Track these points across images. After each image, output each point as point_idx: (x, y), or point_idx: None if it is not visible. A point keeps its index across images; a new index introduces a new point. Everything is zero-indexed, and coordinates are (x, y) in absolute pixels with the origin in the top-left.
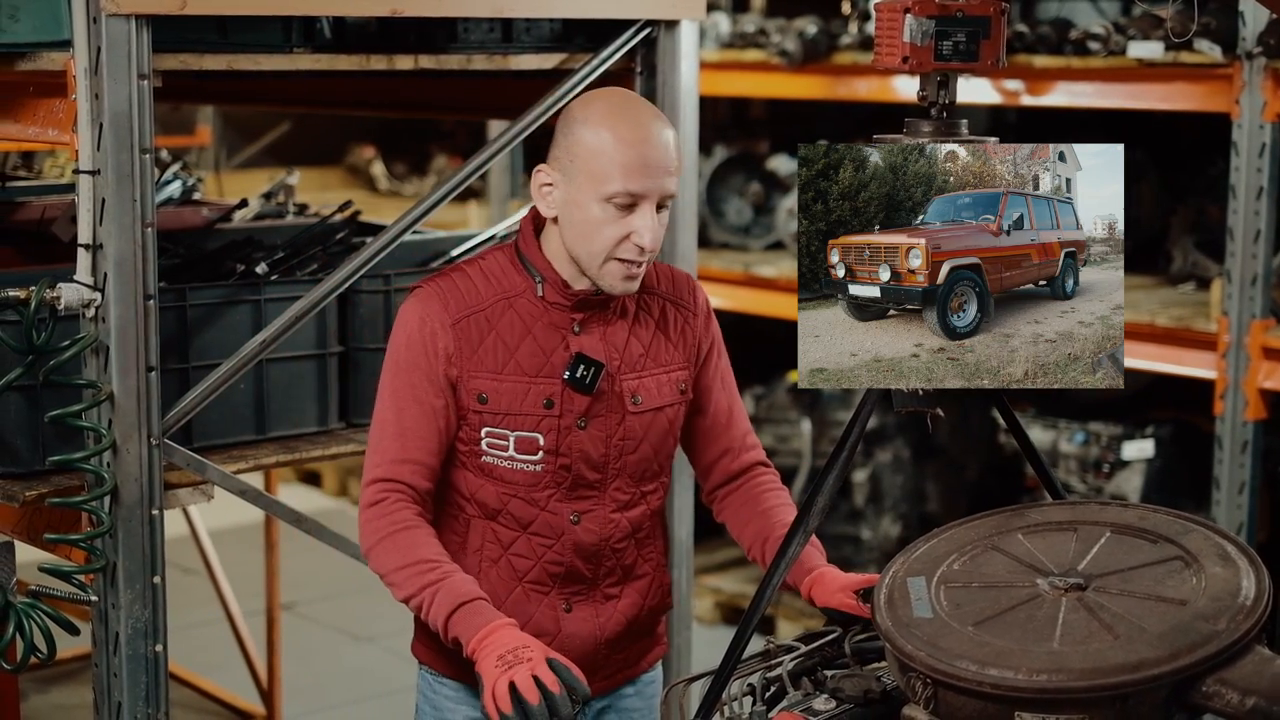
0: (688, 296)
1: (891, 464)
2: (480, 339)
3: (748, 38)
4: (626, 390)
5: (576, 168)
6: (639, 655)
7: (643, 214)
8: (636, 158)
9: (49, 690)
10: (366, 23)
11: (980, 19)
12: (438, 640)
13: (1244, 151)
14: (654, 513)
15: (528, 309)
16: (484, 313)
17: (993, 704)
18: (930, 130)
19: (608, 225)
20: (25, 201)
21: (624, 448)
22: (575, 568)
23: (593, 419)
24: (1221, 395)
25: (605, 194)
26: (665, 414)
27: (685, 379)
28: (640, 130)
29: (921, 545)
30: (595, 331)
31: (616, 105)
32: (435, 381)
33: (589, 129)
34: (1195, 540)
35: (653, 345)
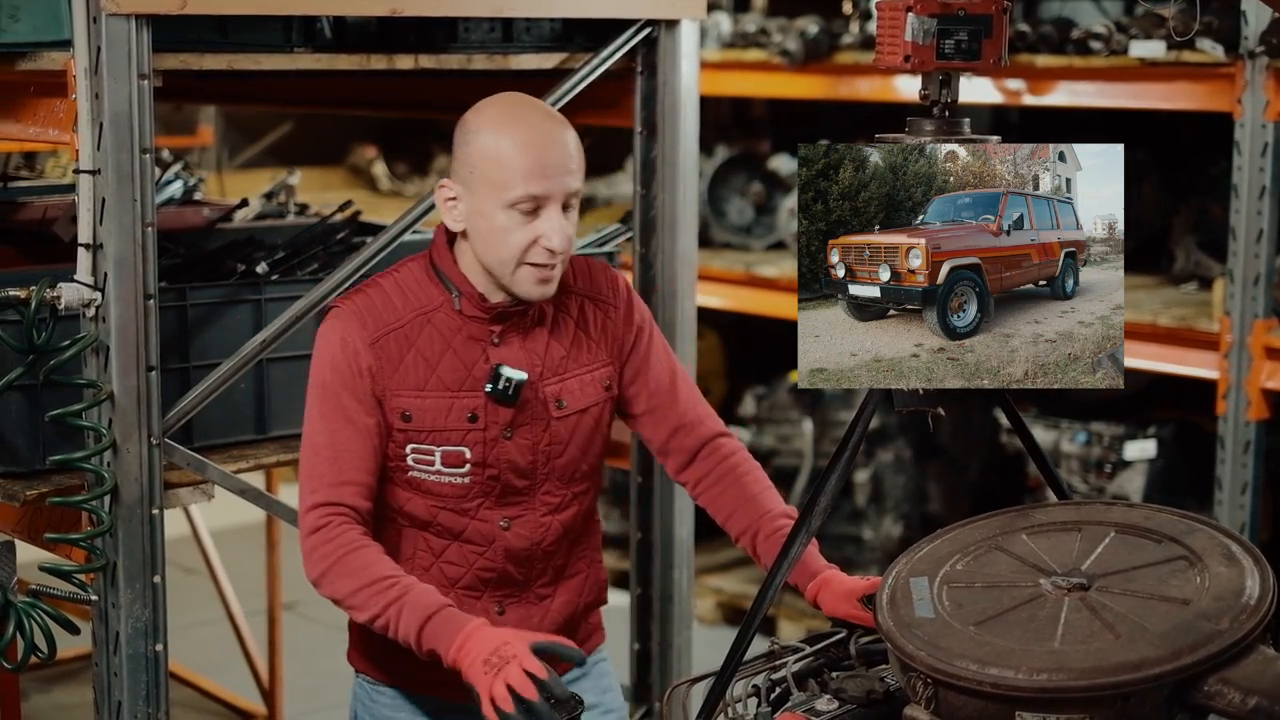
0: (607, 290)
1: (893, 464)
2: (400, 356)
3: (749, 37)
4: (550, 396)
5: (477, 178)
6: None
7: (548, 216)
8: (535, 161)
9: (50, 690)
10: (367, 22)
11: (982, 17)
12: (373, 648)
13: (1246, 151)
14: (586, 512)
15: (446, 323)
16: (403, 329)
17: (993, 704)
18: (932, 129)
19: (515, 231)
20: (27, 201)
21: (551, 452)
22: (507, 572)
23: (518, 428)
24: (1224, 395)
25: (508, 200)
26: (590, 414)
27: (610, 375)
28: (535, 133)
29: (925, 545)
30: (514, 341)
31: (509, 110)
32: (364, 400)
33: (484, 137)
34: (1200, 540)
35: (574, 346)
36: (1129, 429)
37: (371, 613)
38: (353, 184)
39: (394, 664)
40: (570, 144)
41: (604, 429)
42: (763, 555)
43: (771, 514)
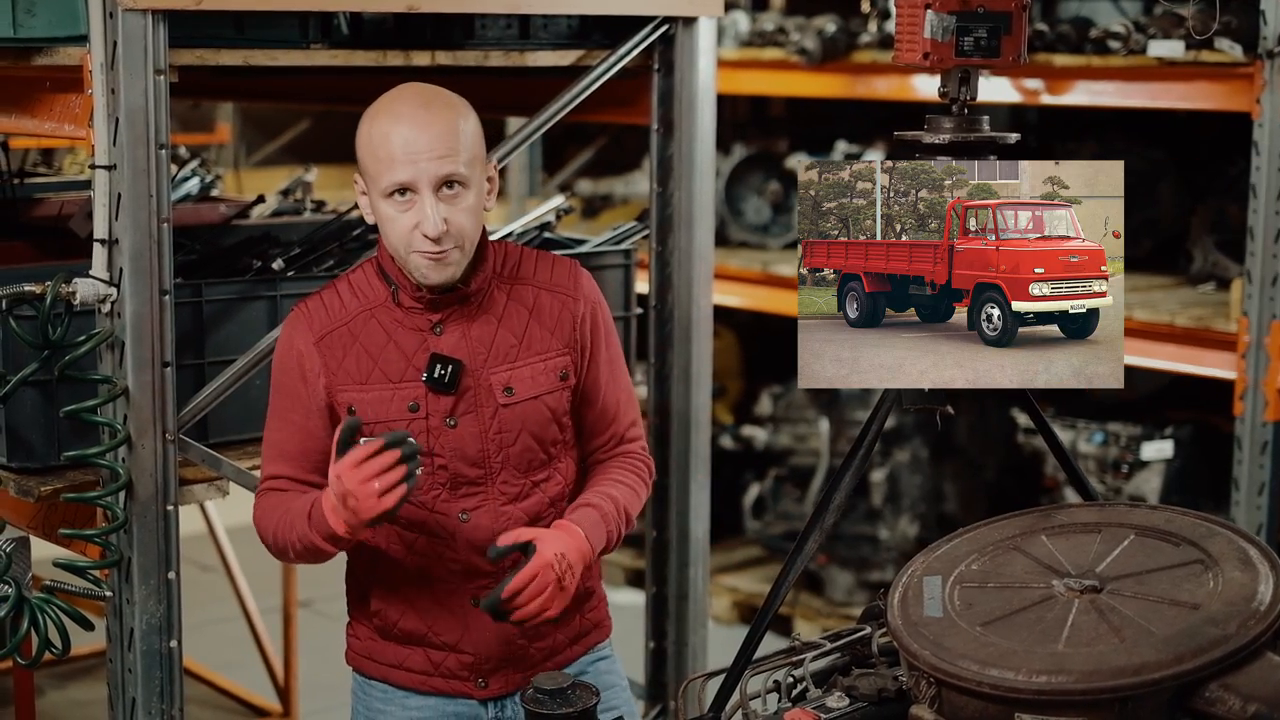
0: (567, 282)
1: (910, 464)
2: (344, 352)
3: (767, 36)
4: (497, 383)
5: (363, 170)
6: (569, 641)
7: (423, 203)
8: (399, 148)
9: (66, 686)
10: (384, 19)
11: (1001, 15)
12: (364, 646)
13: (1264, 151)
14: (552, 500)
15: (388, 317)
16: (346, 326)
17: (993, 704)
18: (951, 127)
19: (397, 220)
20: (43, 198)
21: (502, 440)
22: (474, 564)
23: (462, 416)
24: (1241, 396)
25: (382, 190)
26: (544, 402)
27: (566, 365)
28: (401, 121)
29: (944, 544)
30: (456, 329)
31: (385, 101)
32: (301, 400)
33: (362, 129)
34: (1218, 544)
35: (527, 334)
36: (1146, 429)
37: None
38: None
39: (382, 659)
40: (444, 126)
41: (561, 418)
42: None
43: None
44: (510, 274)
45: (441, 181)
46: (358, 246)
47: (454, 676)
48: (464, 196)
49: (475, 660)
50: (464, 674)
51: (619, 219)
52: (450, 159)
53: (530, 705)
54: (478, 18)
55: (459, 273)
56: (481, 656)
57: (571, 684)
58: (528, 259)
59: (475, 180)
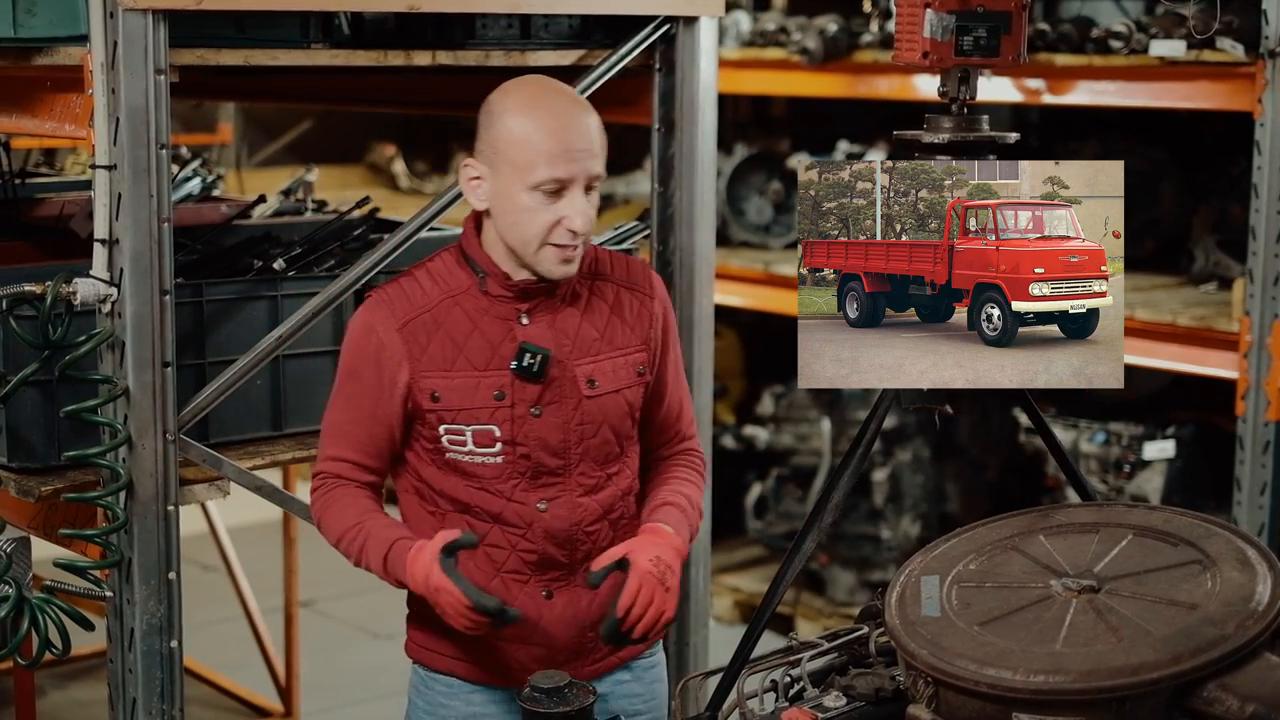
0: (643, 282)
1: (911, 463)
2: (428, 339)
3: (768, 36)
4: (581, 375)
5: (501, 159)
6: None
7: (571, 199)
8: (559, 144)
9: (68, 686)
10: (385, 19)
11: (1001, 14)
12: (429, 638)
13: (1266, 150)
14: (624, 493)
15: (474, 304)
16: (430, 313)
17: (990, 704)
18: (950, 126)
19: (538, 213)
20: (45, 198)
21: (583, 432)
22: (550, 554)
23: (547, 406)
24: (1243, 395)
25: (532, 182)
26: (623, 396)
27: (643, 361)
28: (560, 117)
29: (942, 544)
30: (543, 320)
31: (535, 94)
32: (375, 388)
33: (510, 119)
34: (1216, 544)
35: (608, 329)
36: (1148, 429)
37: (354, 557)
38: (372, 182)
39: (449, 653)
40: (593, 128)
41: (635, 413)
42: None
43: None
44: (590, 270)
45: (592, 179)
46: (358, 246)
47: (525, 669)
48: (597, 194)
49: (546, 653)
50: (535, 666)
51: (620, 219)
52: (599, 158)
53: (527, 704)
54: (479, 17)
55: (576, 269)
56: (555, 649)
57: (568, 683)
58: (604, 256)
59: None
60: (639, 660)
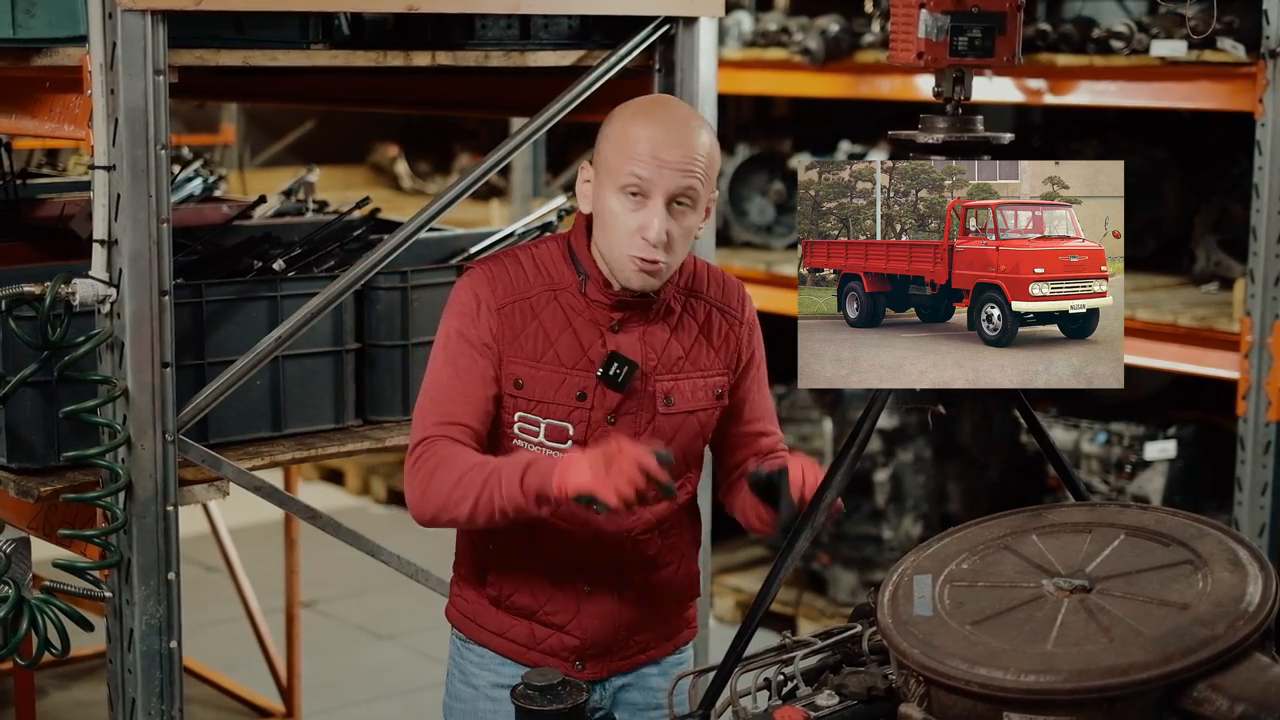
0: (736, 305)
1: (913, 464)
2: (523, 325)
3: (770, 36)
4: (660, 391)
5: (601, 162)
6: (663, 638)
7: (652, 208)
8: (647, 148)
9: (69, 687)
10: (384, 19)
11: (995, 14)
12: (469, 606)
13: (1267, 150)
14: (682, 507)
15: (571, 303)
16: (529, 300)
17: (981, 703)
18: (945, 127)
19: (621, 217)
20: (46, 198)
21: (653, 447)
22: (597, 556)
23: (622, 416)
24: (1244, 395)
25: (618, 184)
26: (698, 417)
27: (723, 385)
28: (657, 124)
29: (935, 543)
30: (634, 331)
31: (647, 104)
32: (483, 351)
33: (615, 125)
34: (1208, 544)
35: (693, 349)
36: (1149, 429)
37: (474, 496)
38: (375, 183)
39: (486, 625)
40: (695, 145)
41: (707, 434)
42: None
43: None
44: (686, 285)
45: (676, 195)
46: (358, 247)
47: (554, 654)
48: (689, 215)
49: (580, 644)
50: (564, 654)
51: None
52: (690, 174)
53: (520, 701)
54: (478, 18)
55: (661, 284)
56: (587, 641)
57: (561, 681)
58: (701, 272)
59: (703, 200)
60: (669, 657)
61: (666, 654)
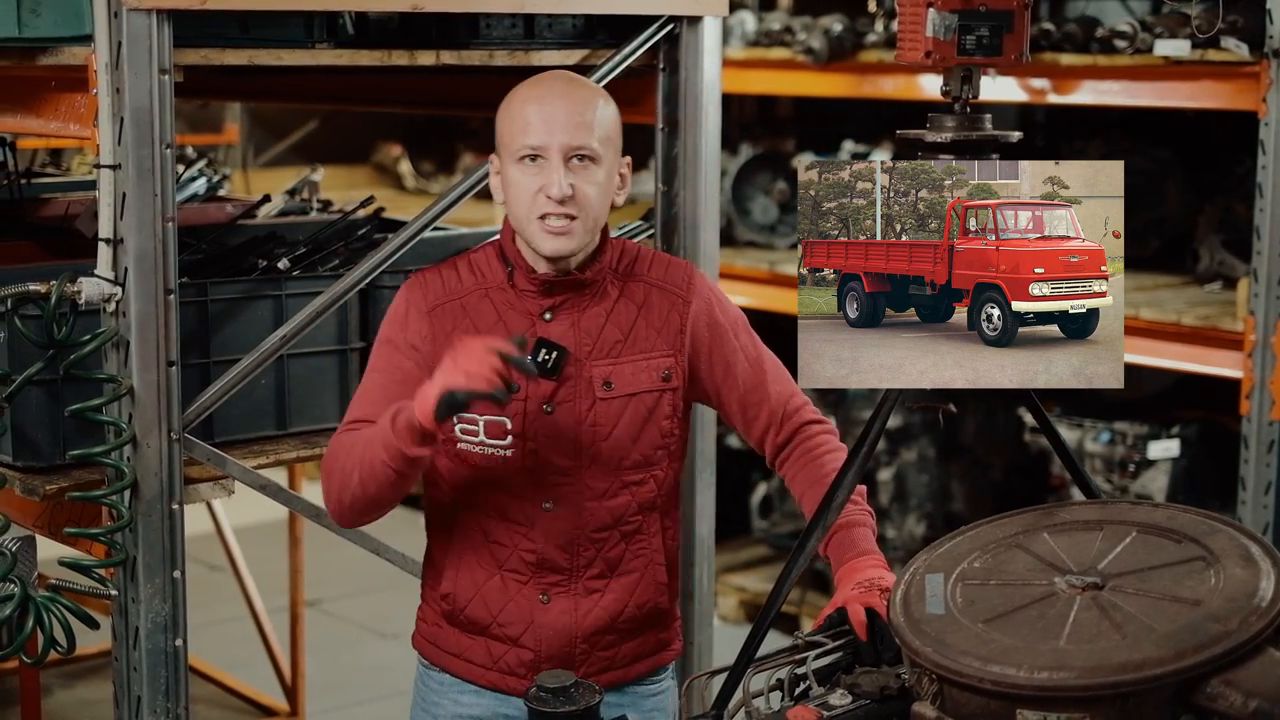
0: (680, 284)
1: (917, 463)
2: (454, 325)
3: (773, 36)
4: (598, 376)
5: (499, 146)
6: (630, 658)
7: (550, 168)
8: (534, 112)
9: (74, 685)
10: (389, 19)
11: (1003, 13)
12: (429, 628)
13: (1271, 150)
14: (644, 506)
15: (503, 298)
16: (460, 300)
17: (995, 700)
18: (953, 125)
19: (524, 183)
20: (51, 197)
21: (596, 434)
22: (551, 557)
23: (559, 404)
24: (1247, 395)
25: (514, 154)
26: (643, 401)
27: (669, 366)
28: (542, 88)
29: (946, 542)
30: (566, 318)
31: (533, 79)
32: (406, 356)
33: (505, 106)
34: (1220, 541)
35: (634, 331)
36: (1153, 428)
37: (358, 462)
38: (378, 182)
39: (444, 646)
40: (579, 102)
41: (661, 421)
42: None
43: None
44: (625, 270)
45: (573, 151)
46: (363, 246)
47: (511, 673)
48: (593, 171)
49: (535, 658)
50: (521, 671)
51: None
52: (583, 131)
53: (533, 703)
54: (482, 17)
55: (577, 248)
56: (542, 655)
57: (574, 682)
58: (644, 257)
59: (607, 161)
60: (636, 686)
61: (639, 674)
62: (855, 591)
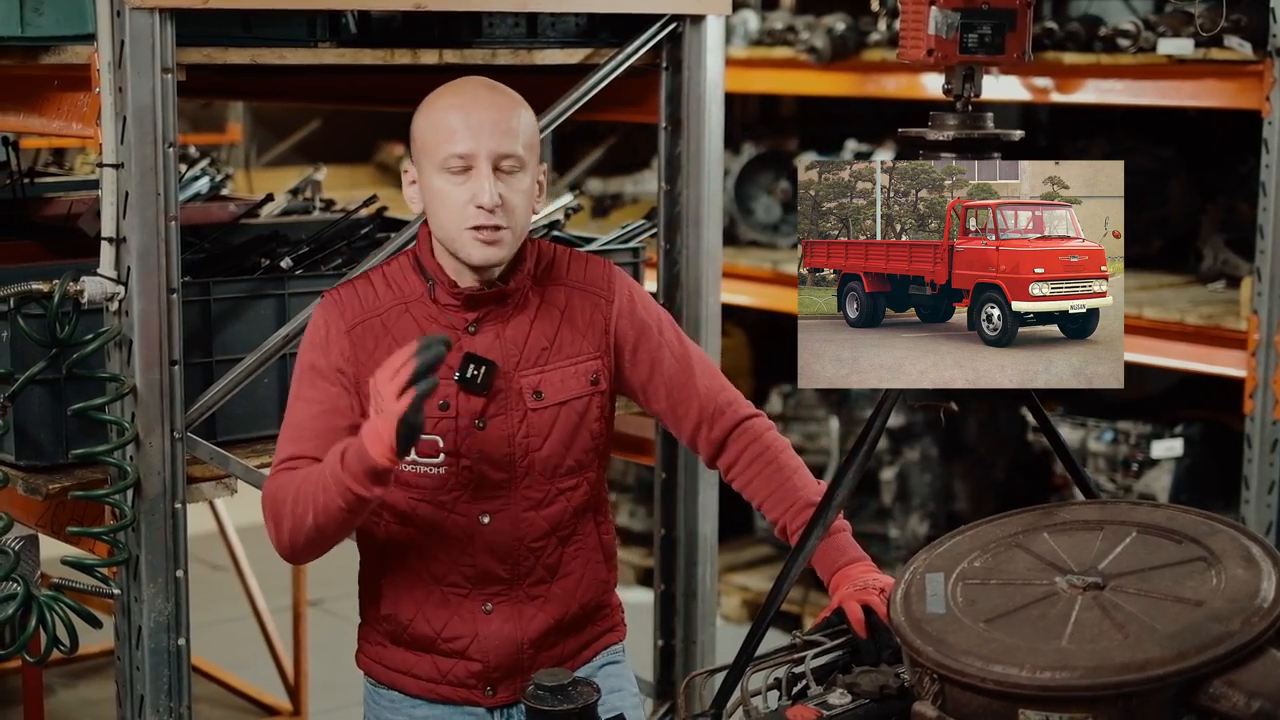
0: (601, 284)
1: (919, 462)
2: (375, 344)
3: (776, 35)
4: (527, 387)
5: (418, 153)
6: (578, 649)
7: (479, 176)
8: (459, 120)
9: (76, 685)
10: (392, 17)
11: (1005, 11)
12: (374, 651)
13: (1274, 149)
14: (578, 509)
15: (424, 313)
16: (380, 318)
17: (997, 700)
18: (956, 124)
19: (451, 193)
20: (53, 197)
21: (529, 445)
22: (490, 569)
23: (491, 419)
24: (1251, 394)
25: (438, 164)
26: (573, 407)
27: (597, 369)
28: (461, 96)
29: (946, 541)
30: (490, 331)
31: (450, 85)
32: (329, 380)
33: (423, 113)
34: (1221, 541)
35: (559, 337)
36: (1156, 428)
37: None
38: (380, 182)
39: (391, 665)
40: (503, 109)
41: (592, 424)
42: (815, 562)
43: (797, 504)
44: (544, 274)
45: (500, 158)
46: (365, 245)
47: (461, 685)
48: (519, 178)
49: (484, 668)
50: (472, 682)
51: (629, 218)
52: (510, 138)
53: (531, 702)
54: (485, 16)
55: (507, 257)
56: (490, 665)
57: (572, 680)
58: (561, 258)
59: (530, 168)
60: (592, 662)
61: (588, 660)
62: (852, 591)
